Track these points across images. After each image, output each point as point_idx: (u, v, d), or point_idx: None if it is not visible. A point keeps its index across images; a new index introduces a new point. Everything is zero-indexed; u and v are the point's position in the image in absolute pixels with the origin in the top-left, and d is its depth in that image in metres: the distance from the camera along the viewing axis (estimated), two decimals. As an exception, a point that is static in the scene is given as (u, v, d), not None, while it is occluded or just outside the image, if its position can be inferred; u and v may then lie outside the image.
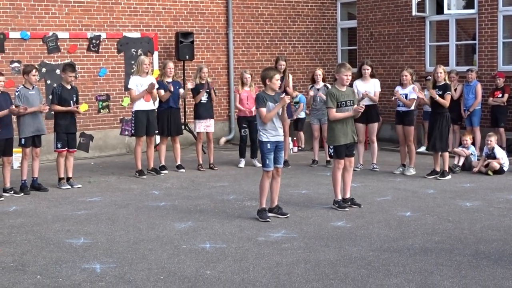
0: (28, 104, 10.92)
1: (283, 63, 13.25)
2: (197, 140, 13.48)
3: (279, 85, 9.07)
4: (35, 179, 11.28)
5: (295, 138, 15.64)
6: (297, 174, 12.60)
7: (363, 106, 9.59)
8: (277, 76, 8.91)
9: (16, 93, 11.02)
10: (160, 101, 12.73)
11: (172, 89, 12.52)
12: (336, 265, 6.93)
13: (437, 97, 11.64)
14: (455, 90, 14.13)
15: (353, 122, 9.73)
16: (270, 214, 9.05)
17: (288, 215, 9.10)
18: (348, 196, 9.75)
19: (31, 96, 11.01)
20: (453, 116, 13.16)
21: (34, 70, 11.13)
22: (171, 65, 12.91)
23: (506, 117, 14.39)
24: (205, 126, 13.14)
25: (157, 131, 12.66)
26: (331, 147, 9.63)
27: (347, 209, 9.50)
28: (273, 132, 8.92)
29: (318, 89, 13.41)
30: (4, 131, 10.53)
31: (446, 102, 11.73)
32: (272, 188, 9.14)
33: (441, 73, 11.85)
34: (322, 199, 10.25)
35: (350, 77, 9.61)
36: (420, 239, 7.92)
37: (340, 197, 9.64)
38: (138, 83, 12.26)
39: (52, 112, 11.56)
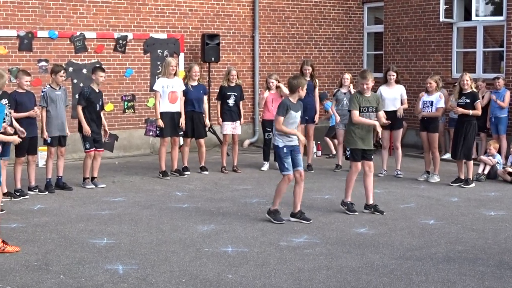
0: (53, 104, 11.01)
1: (308, 67, 13.25)
2: (222, 142, 13.52)
3: (303, 95, 9.15)
4: (60, 177, 11.36)
5: (319, 142, 15.60)
6: (321, 178, 12.58)
7: (388, 122, 9.78)
8: (306, 85, 9.11)
9: (42, 93, 11.10)
10: (184, 104, 12.75)
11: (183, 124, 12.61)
12: (358, 273, 6.91)
13: (460, 111, 11.63)
14: (483, 97, 14.02)
15: (372, 129, 9.73)
16: (292, 219, 9.11)
17: (311, 221, 9.09)
18: (371, 202, 9.76)
19: (56, 96, 11.08)
20: (480, 124, 13.06)
21: (62, 71, 11.20)
22: (196, 68, 12.92)
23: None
24: (232, 128, 13.17)
25: (181, 132, 12.68)
26: (348, 149, 9.74)
27: (356, 212, 9.59)
28: (289, 138, 9.01)
29: (344, 93, 13.39)
30: (28, 130, 10.59)
31: (477, 111, 11.68)
32: (295, 193, 9.15)
33: (467, 80, 11.77)
34: (345, 204, 10.22)
35: (369, 86, 9.63)
36: (443, 248, 7.87)
37: (350, 199, 9.71)
38: (164, 85, 12.29)
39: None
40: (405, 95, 12.83)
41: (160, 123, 12.25)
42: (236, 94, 13.10)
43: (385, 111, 12.59)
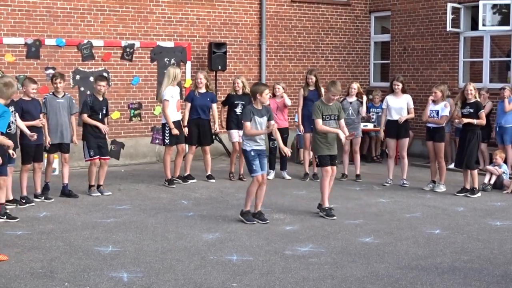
0: (53, 112, 11.01)
1: (311, 77, 13.28)
2: (231, 151, 13.57)
3: (268, 99, 9.68)
4: (65, 185, 11.36)
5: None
6: (326, 187, 12.54)
7: (346, 138, 10.38)
8: (267, 91, 9.55)
9: (43, 100, 11.15)
10: (190, 111, 12.80)
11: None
12: (363, 282, 6.89)
13: (464, 121, 11.64)
14: (484, 107, 13.97)
15: (336, 136, 10.15)
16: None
17: (268, 221, 9.49)
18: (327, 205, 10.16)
19: (57, 104, 11.07)
20: (482, 134, 13.00)
21: (57, 79, 11.12)
22: (200, 75, 12.92)
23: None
24: (239, 136, 13.19)
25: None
26: (317, 156, 10.19)
27: (335, 217, 9.85)
28: (256, 142, 9.53)
29: (350, 103, 13.40)
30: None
31: (482, 121, 11.69)
32: (257, 195, 9.66)
33: (471, 90, 11.77)
34: (350, 214, 10.21)
35: (336, 97, 10.21)
36: (448, 257, 7.85)
37: (327, 204, 10.05)
38: (173, 94, 12.34)
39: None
40: (411, 105, 12.84)
41: (176, 131, 12.25)
42: (243, 103, 13.09)
43: (390, 120, 12.77)
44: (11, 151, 8.45)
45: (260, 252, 8.01)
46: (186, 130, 12.67)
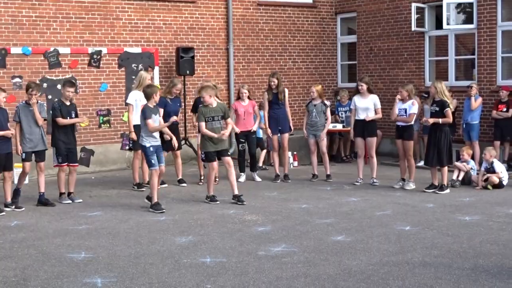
0: (25, 121, 10.93)
1: (274, 80, 13.42)
2: (197, 154, 13.55)
3: (158, 100, 10.88)
4: (42, 194, 11.27)
5: (295, 153, 15.67)
6: (297, 188, 12.64)
7: (226, 135, 11.22)
8: (158, 92, 10.84)
9: (15, 109, 11.10)
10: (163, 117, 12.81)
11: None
12: (336, 279, 6.96)
13: (430, 121, 11.84)
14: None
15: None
16: (151, 210, 10.61)
17: (164, 211, 10.42)
18: (236, 193, 11.18)
19: (30, 112, 11.00)
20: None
21: (30, 90, 11.06)
22: (179, 86, 13.09)
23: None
24: None
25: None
26: (203, 153, 11.33)
27: (218, 202, 11.10)
28: (154, 139, 10.74)
29: (315, 105, 13.48)
30: (3, 146, 10.56)
31: (448, 119, 11.85)
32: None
33: (430, 88, 12.06)
34: (322, 213, 10.29)
35: (205, 99, 11.10)
36: (419, 253, 7.95)
37: (212, 193, 11.26)
38: (137, 98, 12.33)
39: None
40: (378, 105, 12.95)
41: (134, 136, 12.29)
42: None
43: (358, 120, 12.90)
44: None
45: (233, 253, 8.05)
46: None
